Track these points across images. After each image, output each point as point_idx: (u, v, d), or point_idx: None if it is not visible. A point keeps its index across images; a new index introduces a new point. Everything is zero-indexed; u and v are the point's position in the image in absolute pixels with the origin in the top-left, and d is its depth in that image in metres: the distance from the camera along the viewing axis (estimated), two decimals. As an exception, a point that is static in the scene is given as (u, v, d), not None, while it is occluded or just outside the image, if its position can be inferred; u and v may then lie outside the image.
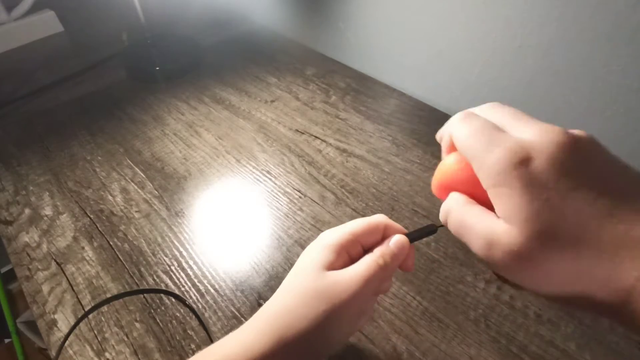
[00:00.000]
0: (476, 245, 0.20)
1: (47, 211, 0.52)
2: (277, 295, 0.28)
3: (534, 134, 0.19)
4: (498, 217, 0.19)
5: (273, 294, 0.29)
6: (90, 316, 0.42)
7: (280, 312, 0.26)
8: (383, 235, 0.29)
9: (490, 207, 0.20)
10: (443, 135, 0.24)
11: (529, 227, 0.18)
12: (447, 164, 0.24)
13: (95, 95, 0.73)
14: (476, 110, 0.23)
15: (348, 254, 0.29)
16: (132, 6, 0.74)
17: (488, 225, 0.20)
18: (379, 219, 0.30)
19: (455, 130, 0.22)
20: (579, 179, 0.18)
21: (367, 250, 0.29)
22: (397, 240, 0.28)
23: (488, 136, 0.20)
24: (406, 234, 0.29)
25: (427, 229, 0.30)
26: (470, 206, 0.21)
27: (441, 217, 0.24)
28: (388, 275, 0.28)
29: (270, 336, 0.25)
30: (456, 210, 0.22)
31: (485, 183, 0.20)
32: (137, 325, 0.41)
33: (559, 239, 0.18)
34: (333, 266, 0.27)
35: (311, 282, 0.26)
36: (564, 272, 0.18)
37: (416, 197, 0.53)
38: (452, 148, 0.24)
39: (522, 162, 0.18)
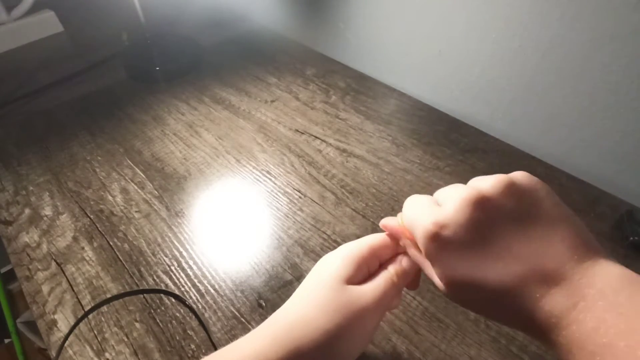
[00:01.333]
0: None
1: (47, 211, 0.52)
2: (294, 304, 0.27)
3: (449, 206, 0.23)
4: None
5: (287, 300, 0.28)
6: (90, 316, 0.42)
7: (297, 321, 0.26)
8: (396, 250, 0.30)
9: None
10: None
11: (447, 288, 0.24)
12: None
13: (95, 95, 0.73)
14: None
15: (367, 268, 0.29)
16: (132, 6, 0.74)
17: (431, 275, 0.25)
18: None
19: (403, 209, 0.27)
20: (478, 246, 0.22)
21: (382, 264, 0.29)
22: (408, 259, 0.29)
23: (421, 212, 0.24)
24: None
25: None
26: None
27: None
28: (400, 291, 0.29)
29: (285, 345, 0.25)
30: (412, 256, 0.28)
31: (422, 251, 0.24)
32: (137, 325, 0.41)
33: (471, 298, 0.23)
34: (352, 280, 0.27)
35: (332, 294, 0.26)
36: (483, 310, 0.24)
37: (416, 197, 0.53)
38: None
39: (435, 237, 0.22)
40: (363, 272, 0.28)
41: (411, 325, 0.41)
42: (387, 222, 0.29)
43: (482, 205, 0.22)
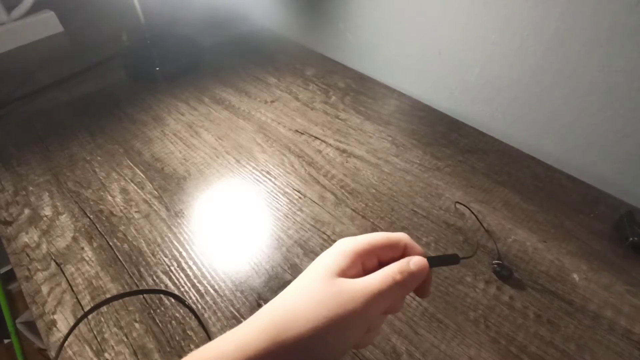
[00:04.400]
0: None
1: (47, 211, 0.52)
2: (282, 295, 0.27)
3: None
4: None
5: (276, 295, 0.28)
6: (89, 316, 0.42)
7: (282, 312, 0.25)
8: (402, 254, 0.29)
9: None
10: None
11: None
12: None
13: (95, 95, 0.73)
14: None
15: (362, 265, 0.28)
16: (132, 6, 0.74)
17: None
18: (401, 236, 0.29)
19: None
20: None
21: (382, 265, 0.28)
22: (418, 261, 0.27)
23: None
24: (427, 258, 0.28)
25: (450, 258, 0.29)
26: None
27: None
28: (402, 295, 0.28)
29: (268, 335, 0.24)
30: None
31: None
32: (137, 325, 0.41)
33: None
34: (345, 274, 0.26)
35: (319, 286, 0.25)
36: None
37: (416, 198, 0.53)
38: None
39: None
40: (357, 268, 0.27)
41: (411, 325, 0.41)
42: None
43: None
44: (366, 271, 0.27)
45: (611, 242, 0.48)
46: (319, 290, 0.25)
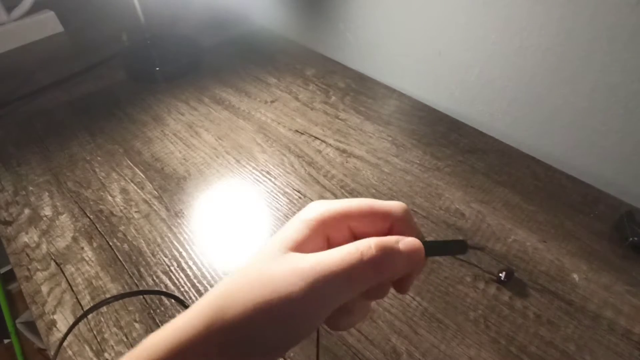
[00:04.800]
0: None
1: (47, 211, 0.52)
2: (228, 277, 0.22)
3: None
4: None
5: None
6: (89, 316, 0.42)
7: (221, 294, 0.21)
8: (389, 231, 0.23)
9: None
10: None
11: None
12: None
13: (95, 95, 0.73)
14: None
15: (327, 237, 0.22)
16: (132, 6, 0.74)
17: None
18: (392, 206, 0.23)
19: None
20: None
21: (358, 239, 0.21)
22: (411, 242, 0.21)
23: None
24: (424, 242, 0.22)
25: (455, 246, 0.22)
26: None
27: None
28: (379, 280, 0.21)
29: (203, 319, 0.20)
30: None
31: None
32: (137, 325, 0.41)
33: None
34: (302, 247, 0.21)
35: (262, 263, 0.21)
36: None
37: (416, 198, 0.53)
38: None
39: None
40: (319, 241, 0.22)
41: (411, 325, 0.41)
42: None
43: None
44: (330, 246, 0.22)
45: (611, 242, 0.48)
46: (261, 268, 0.21)
